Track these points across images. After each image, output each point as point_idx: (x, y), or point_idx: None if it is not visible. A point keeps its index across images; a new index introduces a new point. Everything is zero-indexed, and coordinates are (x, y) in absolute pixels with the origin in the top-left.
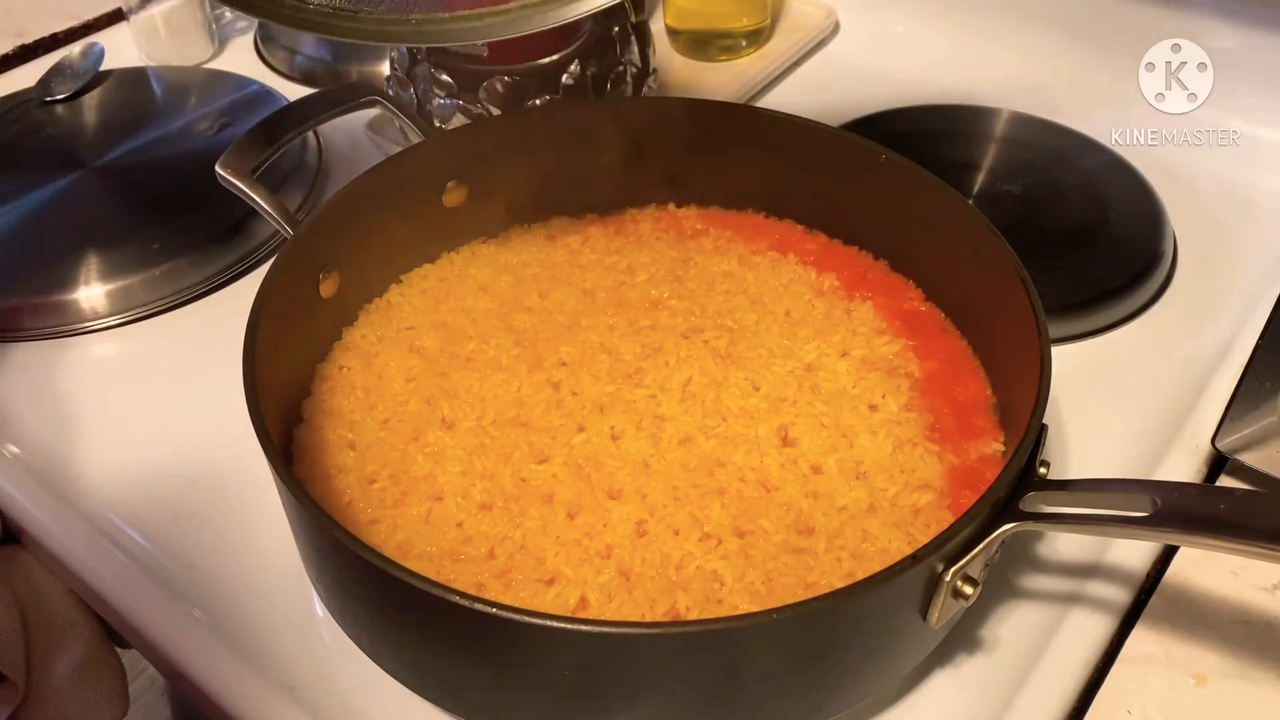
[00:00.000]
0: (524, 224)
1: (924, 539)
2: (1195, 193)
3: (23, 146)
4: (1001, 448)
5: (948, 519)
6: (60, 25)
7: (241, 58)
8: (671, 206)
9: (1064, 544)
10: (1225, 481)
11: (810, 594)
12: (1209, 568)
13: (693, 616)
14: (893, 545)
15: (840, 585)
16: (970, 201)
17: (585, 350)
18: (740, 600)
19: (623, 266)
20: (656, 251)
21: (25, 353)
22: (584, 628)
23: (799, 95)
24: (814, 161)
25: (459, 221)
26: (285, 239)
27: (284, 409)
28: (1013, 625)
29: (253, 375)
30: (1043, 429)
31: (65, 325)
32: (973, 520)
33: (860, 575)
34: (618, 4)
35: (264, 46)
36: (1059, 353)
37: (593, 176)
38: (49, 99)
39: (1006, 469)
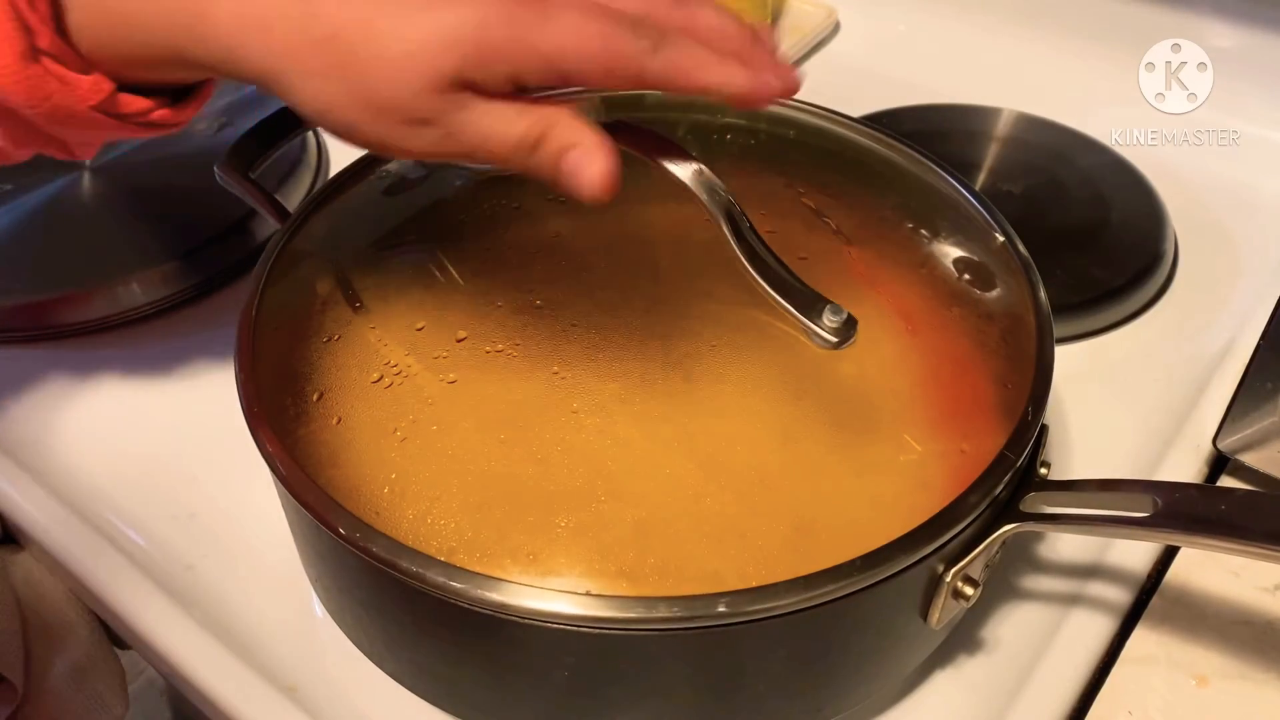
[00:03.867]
0: (529, 222)
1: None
2: (1195, 193)
3: None
4: (1002, 448)
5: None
6: None
7: None
8: (671, 204)
9: (1065, 545)
10: (1226, 482)
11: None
12: (1210, 568)
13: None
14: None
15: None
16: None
17: (586, 349)
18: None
19: (623, 263)
20: (656, 247)
21: (24, 353)
22: (584, 628)
23: (799, 95)
24: (813, 157)
25: (460, 218)
26: (280, 236)
27: (282, 408)
28: (1013, 626)
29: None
30: (1043, 429)
31: (64, 326)
32: (973, 521)
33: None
34: None
35: None
36: (1060, 352)
37: None
38: None
39: (1007, 469)
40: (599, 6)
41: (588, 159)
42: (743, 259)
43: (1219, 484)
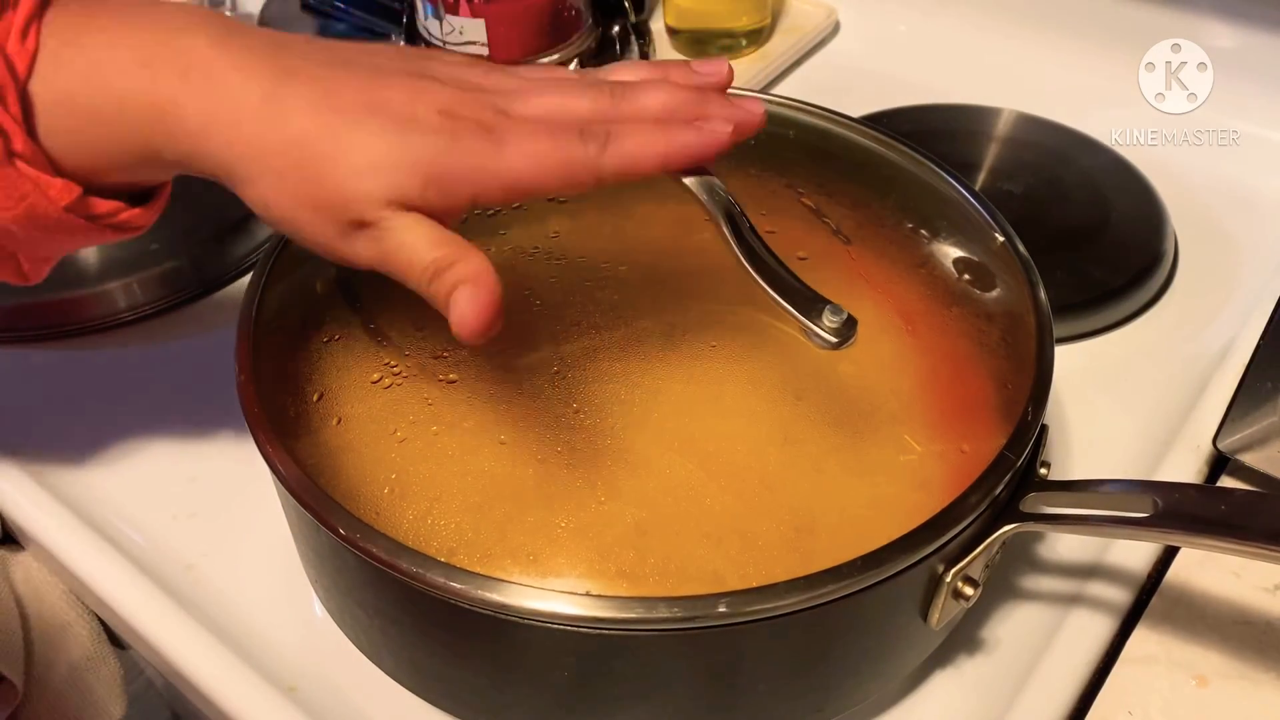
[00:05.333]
0: (526, 222)
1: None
2: (1195, 193)
3: None
4: (1002, 448)
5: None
6: None
7: None
8: (670, 204)
9: (1065, 545)
10: (1226, 482)
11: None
12: (1210, 568)
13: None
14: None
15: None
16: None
17: (586, 350)
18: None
19: (622, 262)
20: (655, 247)
21: (23, 353)
22: (584, 628)
23: (799, 95)
24: (813, 157)
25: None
26: (280, 236)
27: (282, 409)
28: (1013, 626)
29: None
30: (1043, 429)
31: (64, 325)
32: (973, 521)
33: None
34: (616, 2)
35: None
36: (1060, 352)
37: None
38: None
39: (1007, 470)
40: (545, 122)
41: (472, 302)
42: (743, 259)
43: (1219, 484)
